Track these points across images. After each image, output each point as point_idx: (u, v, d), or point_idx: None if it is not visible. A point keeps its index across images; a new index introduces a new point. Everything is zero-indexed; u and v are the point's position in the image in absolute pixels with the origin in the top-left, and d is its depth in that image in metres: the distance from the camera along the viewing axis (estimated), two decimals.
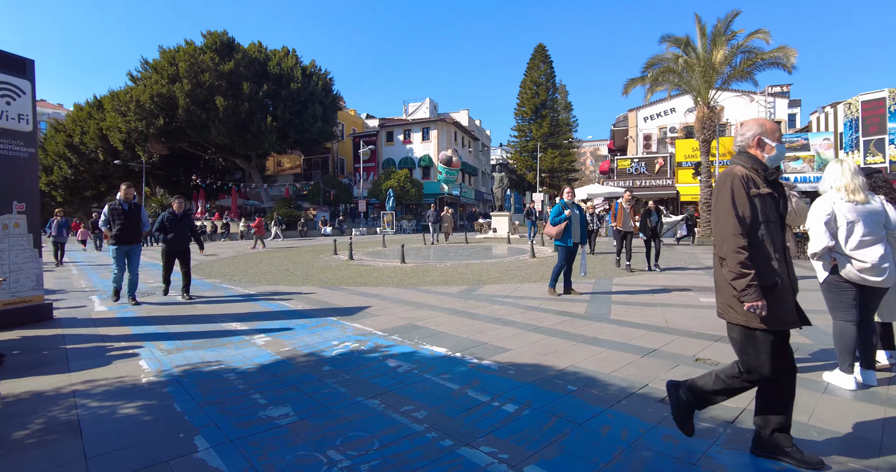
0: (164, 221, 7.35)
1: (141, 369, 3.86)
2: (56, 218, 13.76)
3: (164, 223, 7.35)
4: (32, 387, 3.45)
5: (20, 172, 5.75)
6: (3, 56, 5.54)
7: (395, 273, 10.50)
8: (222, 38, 33.60)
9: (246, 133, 32.64)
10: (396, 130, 45.81)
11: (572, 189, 7.66)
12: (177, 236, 7.43)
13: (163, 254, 7.58)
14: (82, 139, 39.50)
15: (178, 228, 7.43)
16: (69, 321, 5.86)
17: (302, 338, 4.86)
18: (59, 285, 9.23)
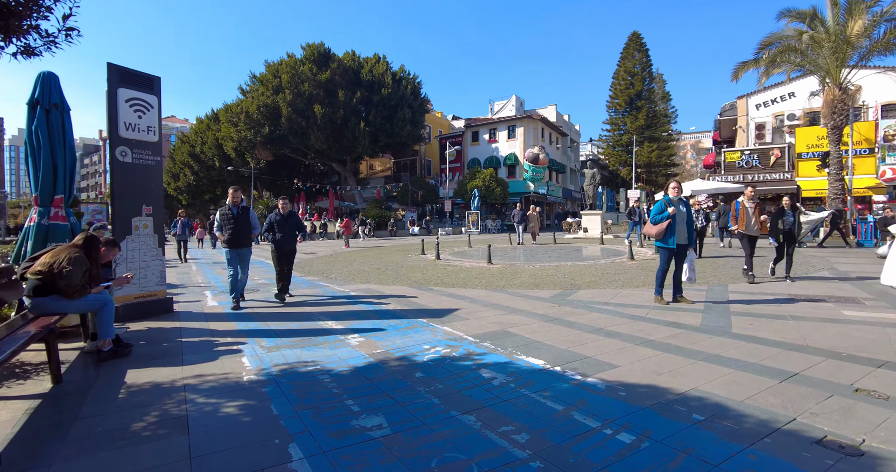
0: (271, 222, 7.37)
1: (243, 366, 4.00)
2: (179, 219, 15.27)
3: (272, 224, 7.36)
4: (152, 378, 3.69)
5: (148, 178, 6.36)
6: (136, 75, 6.16)
7: (483, 274, 10.27)
8: (319, 50, 35.76)
9: (341, 138, 34.44)
10: (482, 130, 45.66)
11: (678, 184, 6.78)
12: (284, 237, 7.38)
13: (273, 255, 7.49)
14: (202, 148, 44.47)
15: (285, 229, 7.38)
16: (186, 315, 6.38)
17: (394, 340, 4.80)
18: (180, 281, 10.24)
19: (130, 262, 6.05)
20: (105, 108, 6.03)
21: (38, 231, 5.13)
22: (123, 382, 3.60)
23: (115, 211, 6.01)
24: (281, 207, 7.49)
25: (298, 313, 6.37)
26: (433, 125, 50.88)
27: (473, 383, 3.51)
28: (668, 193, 6.75)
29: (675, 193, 6.65)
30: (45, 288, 4.02)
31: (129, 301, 6.03)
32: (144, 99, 6.25)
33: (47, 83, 5.26)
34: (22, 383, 3.60)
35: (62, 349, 4.60)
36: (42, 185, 5.18)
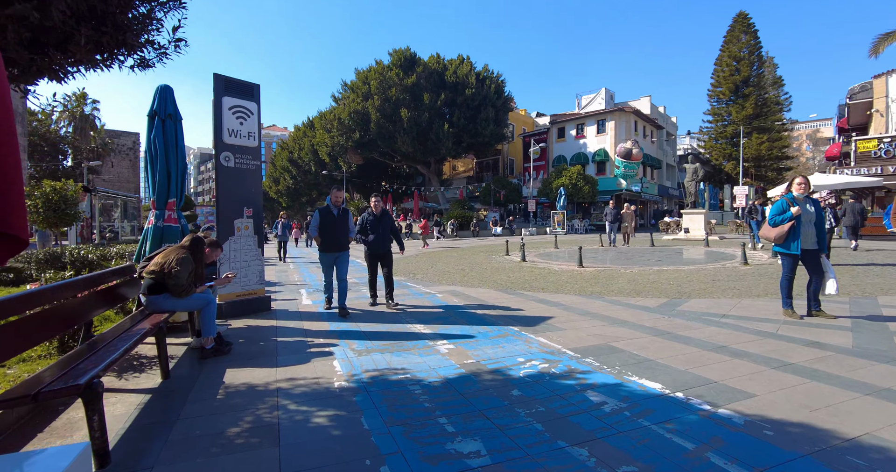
0: (364, 223, 6.79)
1: (334, 370, 3.92)
2: (281, 220, 16.17)
3: (365, 225, 6.78)
4: (248, 379, 3.73)
5: (249, 181, 6.67)
6: (238, 83, 6.48)
7: (574, 278, 9.63)
8: (406, 55, 36.66)
9: (426, 141, 35.02)
10: (568, 125, 44.04)
11: (805, 180, 5.69)
12: (378, 238, 6.77)
13: (366, 258, 6.92)
14: (299, 154, 47.78)
15: (379, 229, 6.77)
16: (282, 314, 6.58)
17: (484, 349, 4.49)
18: (277, 279, 10.79)
19: (233, 261, 6.36)
20: (212, 117, 6.40)
21: (154, 233, 5.54)
22: (222, 381, 3.67)
23: (219, 213, 6.36)
24: (374, 206, 6.84)
25: (387, 314, 6.30)
26: (516, 123, 50.05)
27: (580, 407, 3.09)
28: (791, 190, 5.75)
29: (800, 189, 5.63)
30: (157, 287, 4.25)
31: (231, 299, 6.34)
32: (245, 106, 6.55)
33: (163, 95, 5.66)
34: (137, 377, 3.81)
35: (172, 344, 4.89)
36: (158, 190, 5.58)
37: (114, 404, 3.22)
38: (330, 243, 6.37)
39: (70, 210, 12.57)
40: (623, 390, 3.37)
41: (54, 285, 3.13)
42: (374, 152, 39.03)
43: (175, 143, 5.63)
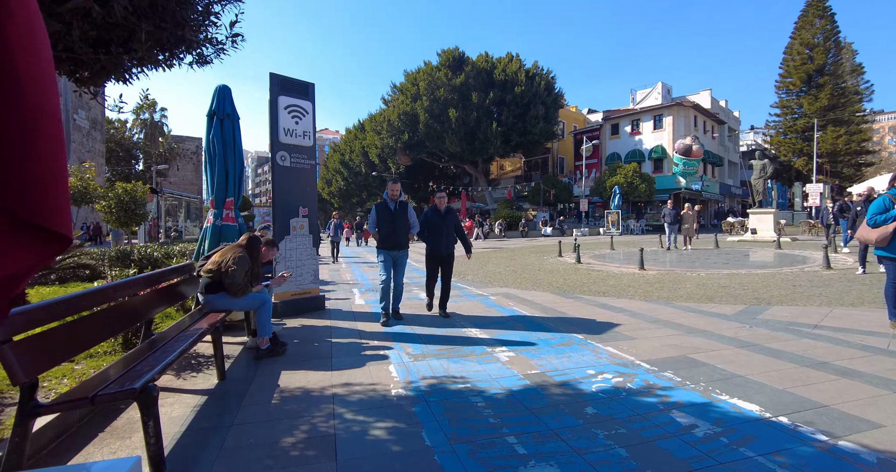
0: (426, 220, 6.17)
1: (390, 376, 3.73)
2: (333, 220, 16.27)
3: (427, 222, 6.17)
4: (303, 383, 3.60)
5: (304, 181, 6.66)
6: (293, 82, 6.48)
7: (636, 282, 9.05)
8: (454, 54, 36.52)
9: (474, 140, 34.74)
10: (623, 122, 42.37)
11: None
12: (441, 238, 6.10)
13: (426, 258, 6.28)
14: (350, 156, 48.86)
15: (443, 228, 6.13)
16: (336, 313, 6.52)
17: (548, 359, 4.16)
18: (330, 278, 10.86)
19: (288, 260, 6.36)
20: (268, 118, 6.43)
21: (212, 232, 5.59)
22: (277, 384, 3.56)
23: (275, 212, 6.37)
24: (438, 202, 6.17)
25: (441, 318, 6.08)
26: (567, 121, 48.78)
27: (667, 430, 2.71)
28: (894, 185, 5.03)
29: None
30: (214, 286, 4.23)
31: (286, 298, 6.34)
32: (300, 105, 6.53)
33: (221, 95, 5.72)
34: (194, 377, 3.78)
35: (228, 343, 4.89)
36: (216, 189, 5.64)
37: (171, 404, 3.17)
38: (388, 240, 5.87)
39: (139, 210, 13.31)
40: (714, 412, 2.95)
41: (116, 283, 3.12)
42: (423, 153, 39.17)
43: (233, 142, 5.67)
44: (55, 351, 2.34)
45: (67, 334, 2.47)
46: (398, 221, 5.86)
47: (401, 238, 5.88)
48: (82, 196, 13.31)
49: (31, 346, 2.19)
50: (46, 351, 2.27)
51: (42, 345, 2.26)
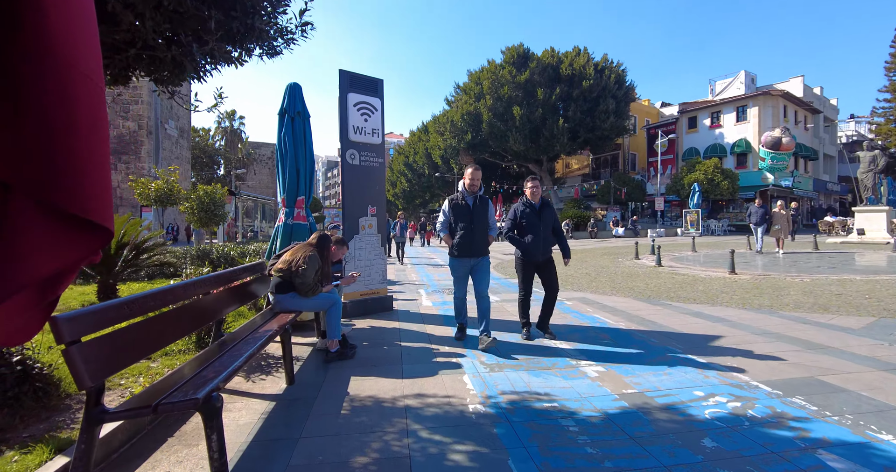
0: (517, 216, 4.89)
1: (466, 388, 3.39)
2: (399, 220, 15.81)
3: (518, 219, 4.88)
4: (373, 391, 3.36)
5: (373, 179, 6.53)
6: (362, 79, 6.36)
7: (729, 287, 8.11)
8: (518, 51, 35.78)
9: (539, 138, 33.81)
10: (701, 114, 39.49)
11: None
12: (538, 239, 4.76)
13: (518, 266, 4.97)
14: (414, 158, 49.49)
15: (540, 226, 4.79)
16: (404, 314, 6.31)
17: (645, 376, 3.63)
18: (396, 278, 10.76)
19: (357, 260, 6.24)
20: (337, 117, 6.35)
21: (284, 230, 5.57)
22: (346, 392, 3.34)
23: (344, 211, 6.27)
24: (530, 193, 4.87)
25: (515, 323, 5.68)
26: (639, 115, 46.33)
27: None
28: None
29: None
30: (284, 285, 4.12)
31: (355, 298, 6.22)
32: (370, 102, 6.40)
33: (293, 93, 5.69)
34: (263, 380, 3.66)
35: (298, 343, 4.79)
36: (288, 187, 5.61)
37: (240, 410, 3.03)
38: (465, 245, 4.59)
39: (218, 211, 14.03)
40: (878, 457, 2.33)
41: (186, 282, 3.04)
42: (486, 153, 38.76)
43: (304, 140, 5.62)
44: (123, 353, 2.22)
45: (136, 334, 2.36)
46: (477, 221, 4.64)
47: (481, 242, 4.66)
48: (167, 197, 14.26)
49: (99, 347, 2.08)
50: (114, 353, 2.16)
51: (110, 347, 2.15)
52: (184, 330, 2.90)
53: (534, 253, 4.80)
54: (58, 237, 1.04)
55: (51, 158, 0.98)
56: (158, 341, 2.55)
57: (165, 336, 2.64)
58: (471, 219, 4.62)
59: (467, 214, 4.65)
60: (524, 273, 4.95)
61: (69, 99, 1.01)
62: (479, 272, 4.70)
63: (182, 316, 2.90)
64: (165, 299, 2.72)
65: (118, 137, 28.98)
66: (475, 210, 4.65)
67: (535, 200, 4.88)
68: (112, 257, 6.08)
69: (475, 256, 4.65)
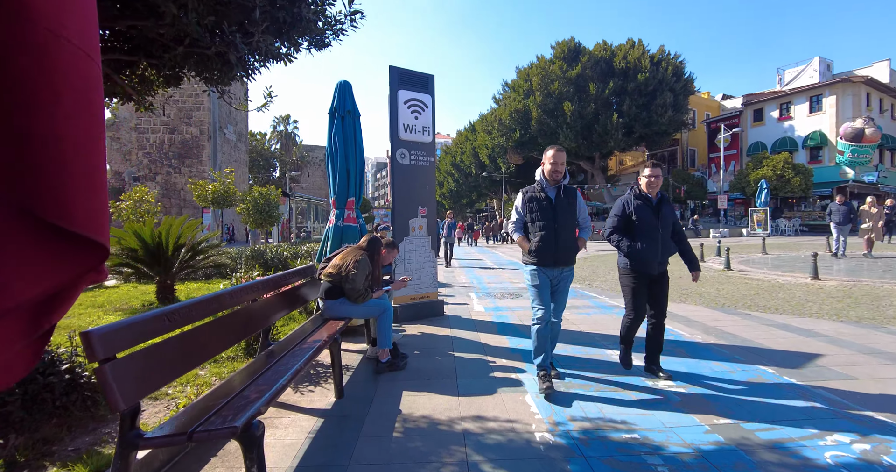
0: (626, 212, 3.71)
1: (530, 411, 3.04)
2: (447, 220, 14.77)
3: (629, 216, 3.70)
4: (428, 409, 3.07)
5: (423, 179, 6.28)
6: (413, 75, 6.12)
7: (814, 295, 7.26)
8: (569, 46, 34.72)
9: (591, 134, 32.64)
10: (768, 106, 36.76)
11: None
12: (654, 243, 3.62)
13: (626, 281, 3.77)
14: (461, 158, 49.31)
15: (659, 228, 3.65)
16: (455, 320, 6.01)
17: (738, 403, 3.13)
18: (445, 280, 10.50)
19: (407, 263, 6.01)
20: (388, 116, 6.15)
21: (334, 233, 5.42)
22: (399, 410, 3.08)
23: (394, 213, 6.06)
24: (646, 185, 3.70)
25: (574, 333, 5.25)
26: (698, 108, 43.82)
27: None
28: None
29: None
30: (334, 290, 3.93)
31: (405, 302, 6.00)
32: (420, 99, 6.16)
33: (342, 92, 5.53)
34: (312, 391, 3.47)
35: (347, 350, 4.61)
36: (338, 188, 5.46)
37: (286, 427, 2.83)
38: (544, 251, 3.46)
39: (273, 212, 14.35)
40: None
41: (231, 288, 2.88)
42: (535, 151, 37.84)
43: (354, 139, 5.45)
44: (161, 370, 2.05)
45: (176, 348, 2.19)
46: (562, 219, 3.51)
47: (567, 248, 3.52)
48: (223, 199, 14.74)
49: (135, 365, 1.91)
50: (151, 371, 1.98)
51: (147, 364, 1.98)
52: (229, 341, 2.73)
53: (649, 263, 3.64)
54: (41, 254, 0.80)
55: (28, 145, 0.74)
56: (201, 354, 2.38)
57: (209, 349, 2.47)
58: (553, 216, 3.50)
59: (548, 210, 3.52)
60: (635, 290, 3.72)
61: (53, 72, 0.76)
62: (560, 289, 3.63)
63: (227, 325, 2.74)
64: (210, 308, 2.56)
65: (182, 142, 30.62)
66: (559, 205, 3.53)
67: (653, 192, 3.70)
68: (169, 258, 6.18)
69: (558, 265, 3.52)
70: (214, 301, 2.61)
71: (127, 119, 30.23)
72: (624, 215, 3.74)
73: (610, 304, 7.08)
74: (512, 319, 6.03)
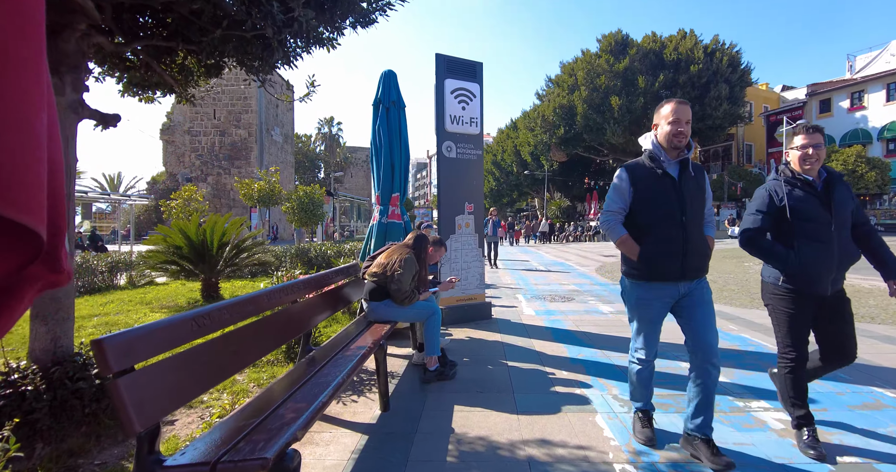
0: (773, 203, 2.49)
1: (603, 436, 2.61)
2: (490, 218, 13.43)
3: (780, 211, 2.47)
4: (483, 429, 2.70)
5: (470, 174, 5.92)
6: (460, 63, 5.77)
7: None
8: (616, 38, 33.47)
9: (640, 129, 31.22)
10: (837, 96, 34.01)
11: None
12: (827, 250, 2.38)
13: (779, 300, 2.52)
14: (502, 156, 48.68)
15: (829, 224, 2.39)
16: (504, 324, 5.62)
17: (856, 433, 2.59)
18: (490, 280, 10.09)
19: (454, 262, 5.67)
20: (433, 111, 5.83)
21: (378, 230, 5.16)
22: (451, 428, 2.73)
23: (440, 209, 5.73)
24: (798, 161, 2.48)
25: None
26: (755, 101, 41.18)
27: None
28: None
29: None
30: (379, 291, 3.64)
31: (451, 304, 5.66)
32: (468, 88, 5.80)
33: (387, 82, 5.26)
34: (355, 402, 3.18)
35: (393, 354, 4.31)
36: (382, 183, 5.19)
37: (327, 443, 2.54)
38: (666, 257, 2.38)
39: (317, 211, 14.41)
40: None
41: (269, 289, 2.62)
42: (579, 147, 36.76)
43: (399, 132, 5.18)
44: (186, 384, 1.79)
45: (205, 358, 1.93)
46: (691, 208, 2.39)
47: (700, 251, 2.41)
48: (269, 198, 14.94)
49: (155, 378, 1.65)
50: (174, 385, 1.73)
51: (170, 375, 1.72)
52: (266, 347, 2.47)
53: (818, 279, 2.38)
54: None
55: None
56: (235, 363, 2.11)
57: (243, 356, 2.21)
58: (679, 204, 2.35)
59: (670, 193, 2.36)
60: (795, 319, 2.45)
61: None
62: (690, 308, 2.40)
63: (264, 330, 2.48)
64: (245, 311, 2.30)
65: (231, 144, 31.69)
66: (685, 187, 2.38)
67: (812, 171, 2.44)
68: (214, 255, 6.12)
69: (687, 277, 2.38)
70: (250, 303, 2.35)
71: (181, 123, 31.61)
72: (772, 212, 2.47)
73: None
74: (567, 324, 5.57)
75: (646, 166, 2.44)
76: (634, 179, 2.44)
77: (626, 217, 2.50)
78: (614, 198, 2.50)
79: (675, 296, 2.43)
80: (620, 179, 2.49)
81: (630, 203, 2.46)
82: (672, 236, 2.35)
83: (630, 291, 2.54)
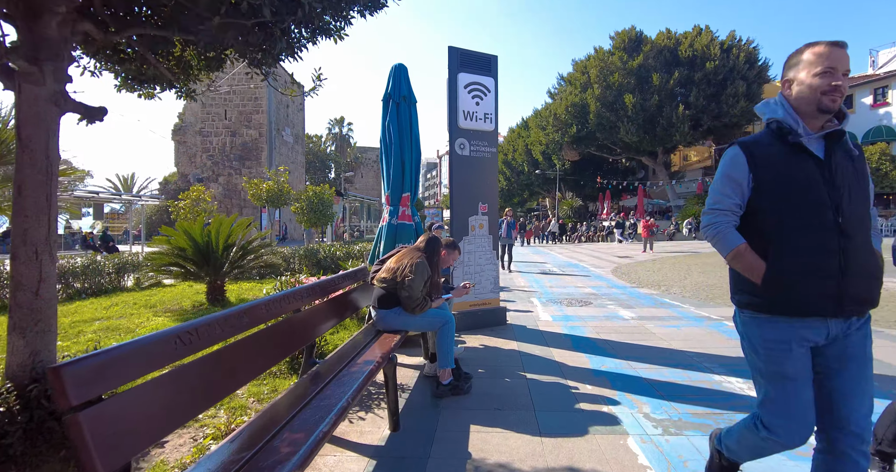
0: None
1: (638, 463, 2.33)
2: (505, 218, 12.44)
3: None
4: (503, 454, 2.44)
5: (484, 173, 5.67)
6: (474, 56, 5.51)
7: None
8: (630, 35, 32.95)
9: (654, 127, 30.72)
10: (859, 92, 33.09)
11: None
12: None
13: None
14: (513, 156, 48.32)
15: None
16: (520, 331, 5.35)
17: None
18: (503, 283, 9.80)
19: (467, 266, 5.41)
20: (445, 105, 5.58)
21: (388, 231, 4.92)
22: (467, 453, 2.47)
23: (452, 209, 5.47)
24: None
25: (667, 351, 4.44)
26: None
27: None
28: None
29: None
30: (389, 298, 3.39)
31: (464, 309, 5.40)
32: (482, 83, 5.54)
33: (397, 76, 5.03)
34: (362, 419, 2.93)
35: (403, 364, 4.07)
36: (392, 182, 4.96)
37: (331, 469, 2.30)
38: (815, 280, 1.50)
39: (326, 211, 14.23)
40: None
41: (270, 298, 2.38)
42: (592, 146, 36.23)
43: (410, 128, 4.93)
44: (168, 412, 1.55)
45: (191, 379, 1.70)
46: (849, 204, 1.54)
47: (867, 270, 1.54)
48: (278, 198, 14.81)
49: (127, 408, 1.41)
50: (152, 414, 1.49)
51: (145, 404, 1.48)
52: (264, 363, 2.24)
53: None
54: None
55: None
56: (225, 385, 1.88)
57: (238, 375, 1.97)
58: (832, 197, 1.53)
59: (816, 179, 1.55)
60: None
61: None
62: (846, 363, 1.57)
63: (263, 343, 2.24)
64: (239, 323, 2.06)
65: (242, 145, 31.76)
66: (839, 172, 1.56)
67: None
68: (219, 257, 5.93)
69: (845, 312, 1.53)
70: (245, 314, 2.11)
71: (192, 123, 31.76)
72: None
73: (699, 314, 6.14)
74: (587, 331, 5.28)
75: (773, 143, 1.61)
76: (756, 161, 1.61)
77: (741, 218, 1.68)
78: (724, 190, 1.66)
79: (820, 339, 1.56)
80: (735, 162, 1.64)
81: (749, 197, 1.64)
82: (822, 246, 1.50)
83: (751, 330, 1.65)
